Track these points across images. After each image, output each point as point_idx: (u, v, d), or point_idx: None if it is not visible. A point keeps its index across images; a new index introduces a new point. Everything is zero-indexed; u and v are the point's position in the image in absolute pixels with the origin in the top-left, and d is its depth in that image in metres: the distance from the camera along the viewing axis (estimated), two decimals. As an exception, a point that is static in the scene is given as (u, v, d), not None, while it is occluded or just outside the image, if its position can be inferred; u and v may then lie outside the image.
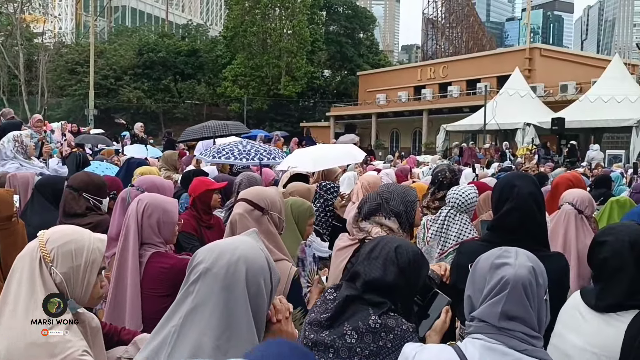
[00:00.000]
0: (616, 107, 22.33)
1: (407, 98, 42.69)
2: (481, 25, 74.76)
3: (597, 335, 2.05)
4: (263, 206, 2.74)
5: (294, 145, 17.55)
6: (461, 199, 3.32)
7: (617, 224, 2.38)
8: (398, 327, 1.90)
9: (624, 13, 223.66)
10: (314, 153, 7.32)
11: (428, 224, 3.38)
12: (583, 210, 3.50)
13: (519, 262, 1.63)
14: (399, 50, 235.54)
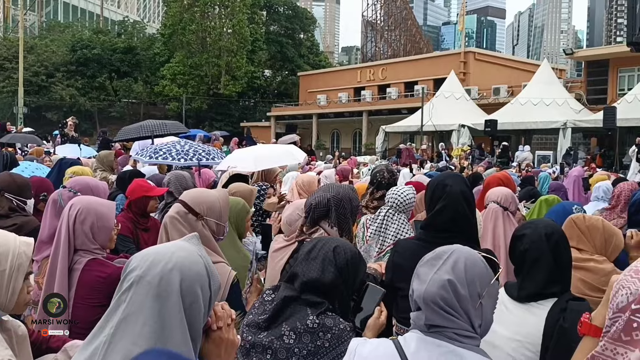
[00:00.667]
0: (545, 110, 23.35)
1: (347, 99, 43.11)
2: (419, 28, 76.38)
3: (521, 324, 2.15)
4: (198, 211, 2.67)
5: (234, 145, 17.39)
6: (399, 199, 3.39)
7: (534, 219, 2.51)
8: (335, 327, 1.92)
9: (552, 20, 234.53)
10: (254, 153, 7.27)
11: (367, 223, 3.43)
12: (508, 207, 3.67)
13: (435, 277, 1.58)
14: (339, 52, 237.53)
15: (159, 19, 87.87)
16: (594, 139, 24.31)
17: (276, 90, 59.49)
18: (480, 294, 1.59)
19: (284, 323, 1.94)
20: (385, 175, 4.39)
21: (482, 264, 1.64)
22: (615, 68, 27.16)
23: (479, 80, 34.28)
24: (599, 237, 2.73)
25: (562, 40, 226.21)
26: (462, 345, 1.54)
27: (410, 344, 1.58)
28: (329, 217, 2.91)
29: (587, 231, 2.72)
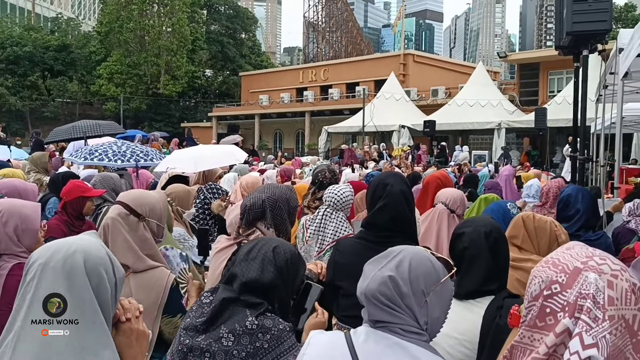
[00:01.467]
0: (481, 111, 24.11)
1: (289, 99, 43.12)
2: (359, 30, 77.29)
3: (459, 321, 2.16)
4: (140, 212, 2.62)
5: (174, 146, 17.06)
6: (336, 198, 3.41)
7: (473, 217, 2.58)
8: (275, 327, 1.92)
9: (487, 24, 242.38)
10: (194, 154, 7.16)
11: (307, 223, 3.43)
12: (455, 210, 3.70)
13: (377, 274, 1.61)
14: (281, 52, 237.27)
15: (94, 16, 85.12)
16: (527, 139, 25.26)
17: (218, 90, 58.79)
18: (425, 292, 1.60)
19: (223, 325, 1.91)
20: (326, 175, 4.41)
21: (429, 263, 1.65)
22: (545, 71, 28.38)
23: (418, 82, 35.03)
24: (545, 239, 2.82)
25: (496, 43, 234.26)
26: (408, 339, 1.56)
27: (360, 335, 1.60)
28: (264, 218, 2.88)
29: (534, 232, 2.79)
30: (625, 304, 1.10)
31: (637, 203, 4.48)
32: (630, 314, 1.07)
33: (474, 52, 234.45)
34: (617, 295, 1.11)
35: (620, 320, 1.08)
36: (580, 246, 1.33)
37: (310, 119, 39.58)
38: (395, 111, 26.89)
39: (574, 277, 1.21)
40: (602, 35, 4.68)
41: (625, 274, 1.18)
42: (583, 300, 1.15)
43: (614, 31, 14.09)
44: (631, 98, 8.48)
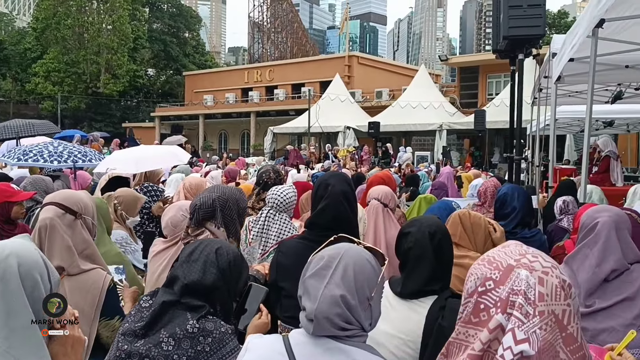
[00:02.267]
0: (423, 113, 24.63)
1: (234, 100, 42.73)
2: (305, 31, 77.43)
3: (403, 321, 2.18)
4: (76, 210, 2.54)
5: (115, 147, 16.60)
6: (279, 199, 3.39)
7: (420, 216, 2.62)
8: (216, 330, 1.89)
9: (429, 28, 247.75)
10: (136, 154, 6.99)
11: (250, 225, 3.40)
12: (388, 204, 3.82)
13: (326, 293, 1.55)
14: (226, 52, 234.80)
15: (30, 11, 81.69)
16: (467, 140, 26.00)
17: (160, 90, 57.60)
18: (369, 297, 1.60)
19: (163, 329, 1.86)
20: (271, 175, 4.39)
21: (369, 264, 1.63)
22: (484, 74, 29.27)
23: (362, 84, 35.42)
24: (481, 235, 2.90)
25: (438, 47, 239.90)
26: (349, 343, 1.55)
27: (299, 338, 1.58)
28: (214, 217, 2.86)
29: (470, 228, 2.87)
30: (555, 299, 1.14)
31: (568, 201, 4.68)
32: (560, 309, 1.11)
33: (417, 55, 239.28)
34: (547, 291, 1.14)
35: (550, 315, 1.12)
36: (515, 244, 1.37)
37: (256, 120, 39.35)
38: (341, 112, 27.10)
39: (506, 274, 1.24)
40: (537, 40, 4.87)
41: (556, 270, 1.22)
42: (515, 296, 1.18)
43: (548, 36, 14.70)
44: (564, 101, 8.86)
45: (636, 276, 2.35)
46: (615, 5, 3.94)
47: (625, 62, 5.83)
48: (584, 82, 4.84)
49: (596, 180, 7.73)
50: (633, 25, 4.74)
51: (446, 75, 66.76)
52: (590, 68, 4.49)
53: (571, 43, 5.11)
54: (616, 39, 4.99)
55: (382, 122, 22.78)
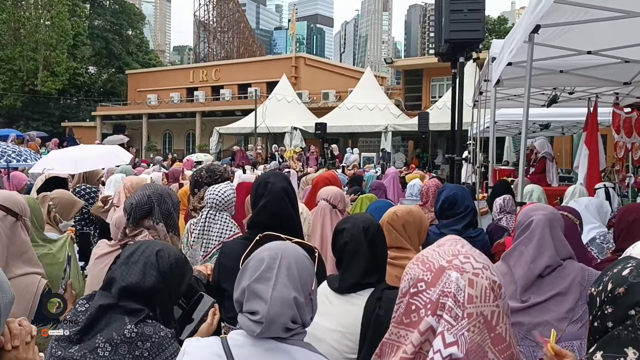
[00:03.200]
0: (369, 114, 24.92)
1: (179, 99, 42.00)
2: (251, 32, 77.02)
3: (342, 315, 2.22)
4: (17, 211, 2.49)
5: (53, 146, 15.99)
6: (218, 198, 3.35)
7: (353, 214, 2.65)
8: (156, 335, 1.84)
9: (374, 31, 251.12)
10: (74, 154, 6.78)
11: (191, 228, 3.35)
12: (336, 205, 3.84)
13: (276, 295, 1.54)
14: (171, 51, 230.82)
15: (-40, 4, 77.75)
16: (411, 142, 26.51)
17: (102, 89, 55.95)
18: (311, 292, 1.61)
19: (99, 334, 1.80)
20: (202, 174, 4.32)
21: (307, 259, 1.65)
22: (428, 77, 29.90)
23: (309, 85, 35.52)
24: (414, 230, 2.96)
25: (383, 49, 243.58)
26: (289, 342, 1.55)
27: (238, 339, 1.56)
28: (152, 214, 2.82)
29: (402, 230, 2.92)
30: (484, 301, 1.16)
31: (507, 200, 4.83)
32: (489, 310, 1.14)
33: (363, 57, 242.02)
34: (476, 293, 1.17)
35: (479, 317, 1.14)
36: (451, 242, 1.39)
37: (201, 120, 38.83)
38: (288, 113, 27.06)
39: (438, 276, 1.26)
40: (476, 44, 5.01)
41: (487, 272, 1.24)
42: (445, 298, 1.20)
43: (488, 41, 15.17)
44: (503, 104, 9.16)
45: (568, 272, 2.45)
46: (550, 12, 4.10)
47: (560, 67, 6.08)
48: (521, 85, 5.02)
49: (533, 180, 8.01)
50: (567, 31, 4.95)
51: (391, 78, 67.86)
52: (527, 72, 4.65)
53: (509, 48, 5.29)
54: (551, 45, 5.20)
55: (329, 123, 22.91)
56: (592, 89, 8.03)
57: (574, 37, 5.15)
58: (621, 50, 5.49)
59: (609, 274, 1.40)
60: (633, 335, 1.26)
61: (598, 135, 8.03)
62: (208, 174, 4.19)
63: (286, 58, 41.28)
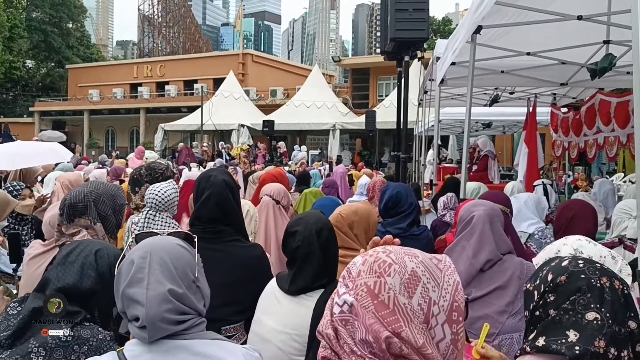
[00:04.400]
0: (316, 112, 24.99)
1: (122, 95, 40.88)
2: (198, 27, 75.90)
3: (290, 316, 2.20)
4: None
5: (-14, 144, 15.25)
6: (158, 198, 3.26)
7: (306, 213, 2.63)
8: (93, 337, 1.77)
9: (322, 29, 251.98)
10: (11, 150, 6.50)
11: (132, 227, 3.25)
12: (280, 201, 3.82)
13: (151, 295, 1.44)
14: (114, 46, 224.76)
15: None
16: (359, 140, 26.73)
17: (40, 83, 53.86)
18: (194, 279, 1.54)
19: (32, 338, 1.71)
20: (142, 172, 4.21)
21: (182, 248, 1.57)
22: (375, 76, 30.24)
23: (257, 82, 35.29)
24: (361, 228, 2.97)
25: (331, 48, 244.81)
26: (188, 336, 1.48)
27: (134, 350, 1.48)
28: (88, 213, 2.71)
29: (349, 230, 2.92)
30: (368, 274, 1.15)
31: (449, 197, 4.95)
32: (372, 280, 1.14)
33: (311, 55, 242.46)
34: (364, 268, 1.16)
35: (363, 286, 1.14)
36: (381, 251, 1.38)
37: (146, 116, 37.95)
38: (235, 110, 26.80)
39: None
40: (421, 43, 5.10)
41: (382, 254, 1.22)
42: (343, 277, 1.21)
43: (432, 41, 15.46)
44: (447, 103, 9.36)
45: (507, 266, 2.53)
46: (491, 13, 4.21)
47: (501, 67, 6.26)
48: (464, 85, 5.14)
49: (475, 178, 8.23)
50: (507, 33, 5.10)
51: (339, 76, 68.31)
52: (470, 72, 4.76)
53: (453, 48, 5.41)
54: (493, 46, 5.34)
55: (277, 120, 22.82)
56: (531, 89, 8.32)
57: (514, 39, 5.31)
58: (558, 52, 5.70)
59: (545, 269, 1.45)
60: (574, 319, 1.30)
61: (537, 134, 8.33)
62: (148, 172, 4.07)
63: (233, 54, 40.84)
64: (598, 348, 1.24)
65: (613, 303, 1.30)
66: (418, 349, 1.07)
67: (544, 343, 1.31)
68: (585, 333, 1.26)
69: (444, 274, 1.15)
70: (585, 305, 1.30)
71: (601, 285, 1.33)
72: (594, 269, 1.37)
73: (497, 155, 10.65)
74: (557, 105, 9.36)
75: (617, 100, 7.37)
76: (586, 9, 4.50)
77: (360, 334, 1.08)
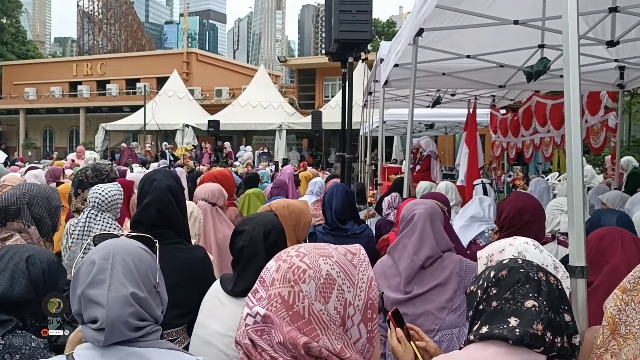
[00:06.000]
0: (263, 112, 24.88)
1: (61, 94, 39.46)
2: (140, 25, 74.23)
3: (234, 319, 2.11)
4: None
5: None
6: (101, 198, 3.18)
7: (256, 214, 2.61)
8: (26, 346, 1.71)
9: (268, 29, 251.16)
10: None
11: (70, 229, 3.14)
12: (216, 202, 3.75)
13: (112, 297, 1.41)
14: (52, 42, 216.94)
15: None
16: (305, 140, 26.77)
17: (-29, 81, 51.29)
18: (155, 284, 1.52)
19: (-42, 349, 1.64)
20: (88, 173, 4.09)
21: (144, 252, 1.54)
22: (321, 77, 30.38)
23: (201, 81, 34.82)
24: (289, 225, 2.98)
25: (277, 48, 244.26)
26: (143, 344, 1.44)
27: (86, 355, 1.42)
28: (21, 216, 2.61)
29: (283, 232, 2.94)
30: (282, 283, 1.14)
31: (394, 197, 5.02)
32: (286, 290, 1.15)
33: (257, 55, 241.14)
34: (278, 276, 1.18)
35: (277, 297, 1.15)
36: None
37: (86, 116, 36.81)
38: (179, 110, 26.34)
39: None
40: (364, 44, 5.15)
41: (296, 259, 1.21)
42: (258, 283, 1.24)
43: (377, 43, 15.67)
44: (392, 104, 9.51)
45: (447, 263, 2.59)
46: (432, 16, 4.30)
47: (443, 69, 6.41)
48: (408, 86, 5.23)
49: (418, 177, 8.39)
50: (449, 36, 5.22)
51: (285, 77, 68.21)
52: (412, 74, 4.85)
53: (395, 50, 5.49)
54: (434, 48, 5.46)
55: (222, 120, 22.56)
56: (471, 91, 8.56)
57: (456, 42, 5.45)
58: (496, 55, 5.88)
59: (487, 271, 1.53)
60: (514, 307, 1.38)
61: (477, 135, 8.57)
62: (94, 173, 3.95)
63: (177, 53, 40.13)
64: (536, 330, 1.33)
65: (549, 293, 1.40)
66: (337, 354, 1.11)
67: (487, 330, 1.39)
68: (525, 318, 1.35)
69: (358, 271, 1.18)
70: (525, 295, 1.39)
71: (538, 278, 1.42)
72: (531, 265, 1.48)
73: (440, 155, 10.89)
74: (496, 107, 9.67)
75: (552, 102, 7.69)
76: (522, 14, 4.67)
77: (278, 339, 1.10)
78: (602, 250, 2.28)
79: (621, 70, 6.29)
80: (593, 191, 6.39)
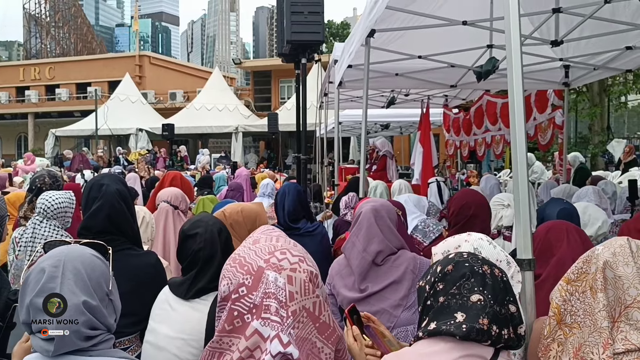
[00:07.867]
0: (218, 115, 24.63)
1: (7, 99, 38.11)
2: (90, 28, 72.48)
3: (185, 321, 2.14)
4: None
5: None
6: (48, 204, 3.09)
7: (200, 215, 2.57)
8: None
9: (222, 31, 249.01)
10: None
11: (17, 238, 3.04)
12: (178, 206, 3.72)
13: None
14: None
15: None
16: (262, 142, 26.67)
17: None
18: (108, 292, 1.48)
19: None
20: (46, 180, 3.97)
21: (97, 259, 1.51)
22: (276, 78, 30.33)
23: (155, 85, 34.25)
24: (243, 229, 2.97)
25: (232, 50, 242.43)
26: (95, 353, 1.41)
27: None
28: None
29: (230, 229, 2.91)
30: (304, 294, 1.19)
31: (351, 196, 5.05)
32: (310, 302, 1.17)
33: (211, 57, 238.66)
34: (296, 289, 1.19)
35: (302, 311, 1.16)
36: (266, 237, 1.39)
37: (34, 122, 35.70)
38: (132, 114, 25.78)
39: (258, 278, 1.27)
40: (317, 45, 5.17)
41: (303, 264, 1.27)
42: (268, 300, 1.21)
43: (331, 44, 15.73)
44: (347, 105, 9.56)
45: (401, 261, 2.62)
46: (383, 17, 4.35)
47: (396, 70, 6.48)
48: (362, 87, 5.27)
49: (375, 177, 8.47)
50: (400, 37, 5.29)
51: (241, 79, 67.71)
52: (365, 75, 4.89)
53: (349, 51, 5.53)
54: (386, 49, 5.52)
55: (177, 124, 22.21)
56: (424, 91, 8.69)
57: (407, 43, 5.52)
58: (447, 56, 5.99)
59: (434, 265, 1.55)
60: (460, 302, 1.40)
61: (431, 134, 8.71)
62: (51, 180, 3.83)
63: (129, 56, 39.34)
64: (482, 325, 1.35)
65: (494, 287, 1.42)
66: None
67: (435, 326, 1.40)
68: (471, 313, 1.37)
69: None
70: (470, 289, 1.41)
71: (483, 272, 1.44)
72: (476, 259, 1.49)
73: (395, 155, 11.03)
74: (449, 106, 9.85)
75: (502, 101, 7.88)
76: (471, 14, 4.77)
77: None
78: (548, 243, 2.35)
79: (566, 69, 6.52)
80: (543, 187, 6.60)
